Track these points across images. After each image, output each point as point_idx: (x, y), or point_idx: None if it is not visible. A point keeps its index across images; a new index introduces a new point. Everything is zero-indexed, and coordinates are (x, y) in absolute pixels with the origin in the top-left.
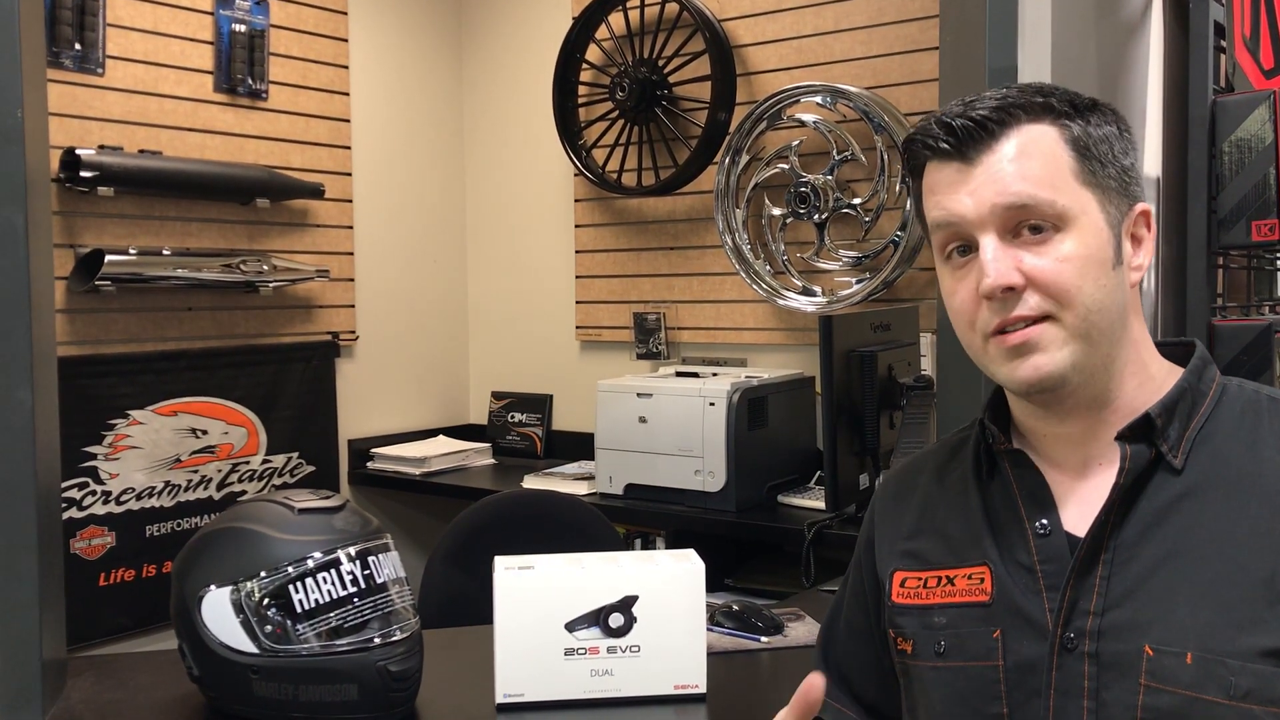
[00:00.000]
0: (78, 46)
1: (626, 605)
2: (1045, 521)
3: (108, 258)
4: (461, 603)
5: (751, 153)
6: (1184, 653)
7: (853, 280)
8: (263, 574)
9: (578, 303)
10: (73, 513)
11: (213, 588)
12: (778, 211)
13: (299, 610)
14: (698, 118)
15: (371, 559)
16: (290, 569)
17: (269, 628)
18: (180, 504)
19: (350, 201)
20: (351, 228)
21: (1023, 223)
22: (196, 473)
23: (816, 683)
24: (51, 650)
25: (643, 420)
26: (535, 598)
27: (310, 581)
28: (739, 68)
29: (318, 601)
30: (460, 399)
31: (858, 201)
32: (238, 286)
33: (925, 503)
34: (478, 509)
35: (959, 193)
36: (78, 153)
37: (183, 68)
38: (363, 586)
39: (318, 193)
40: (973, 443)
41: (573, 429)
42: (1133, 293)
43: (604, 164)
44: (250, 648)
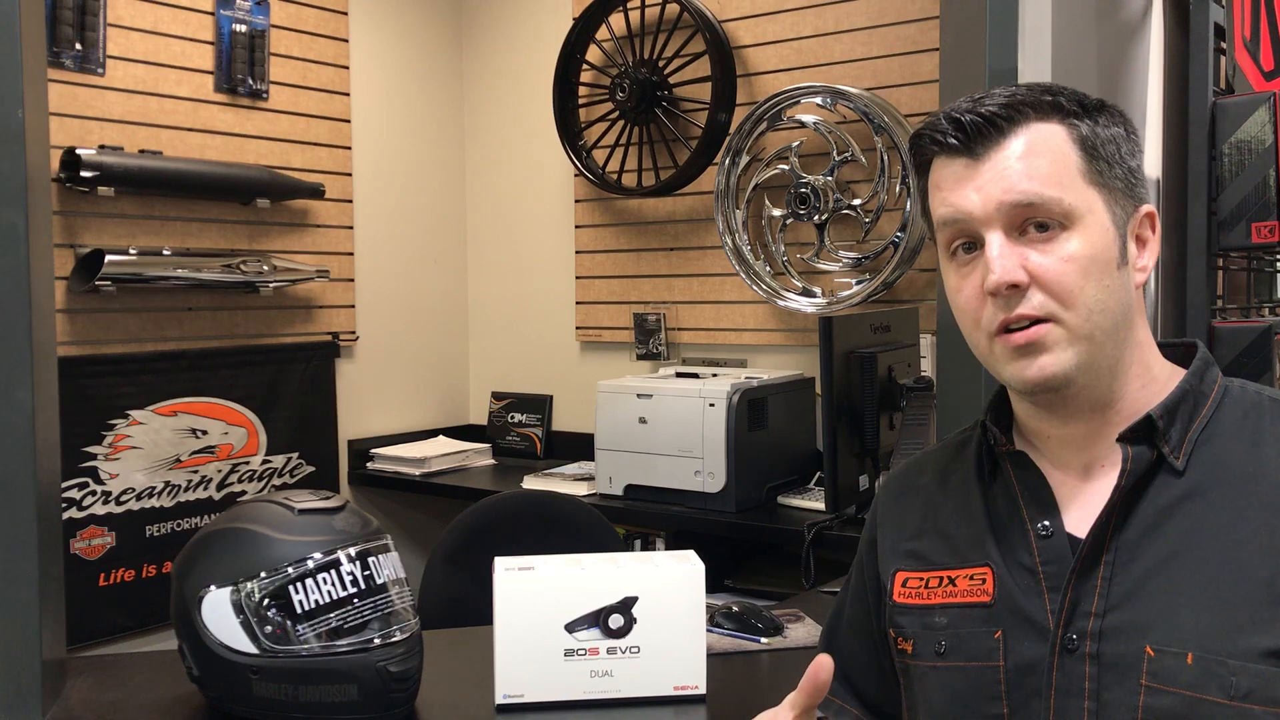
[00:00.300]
0: (78, 46)
1: (626, 606)
2: (1047, 523)
3: (108, 258)
4: (461, 603)
5: (752, 153)
6: (1185, 653)
7: (853, 281)
8: (263, 574)
9: (578, 303)
10: (73, 513)
11: (213, 588)
12: (778, 212)
13: (299, 611)
14: (698, 118)
15: (371, 559)
16: (290, 569)
17: (269, 628)
18: (180, 504)
19: (350, 202)
20: (352, 228)
21: (1029, 220)
22: (196, 473)
23: (825, 663)
24: (51, 650)
25: (643, 421)
26: (535, 598)
27: (310, 582)
28: (739, 68)
29: (318, 602)
30: (460, 399)
31: (858, 202)
32: (238, 287)
33: (927, 503)
34: (478, 510)
35: (966, 189)
36: (78, 152)
37: (183, 68)
38: (363, 587)
39: (318, 193)
40: (974, 444)
41: (573, 429)
42: (1137, 294)
43: (604, 164)
44: (250, 648)
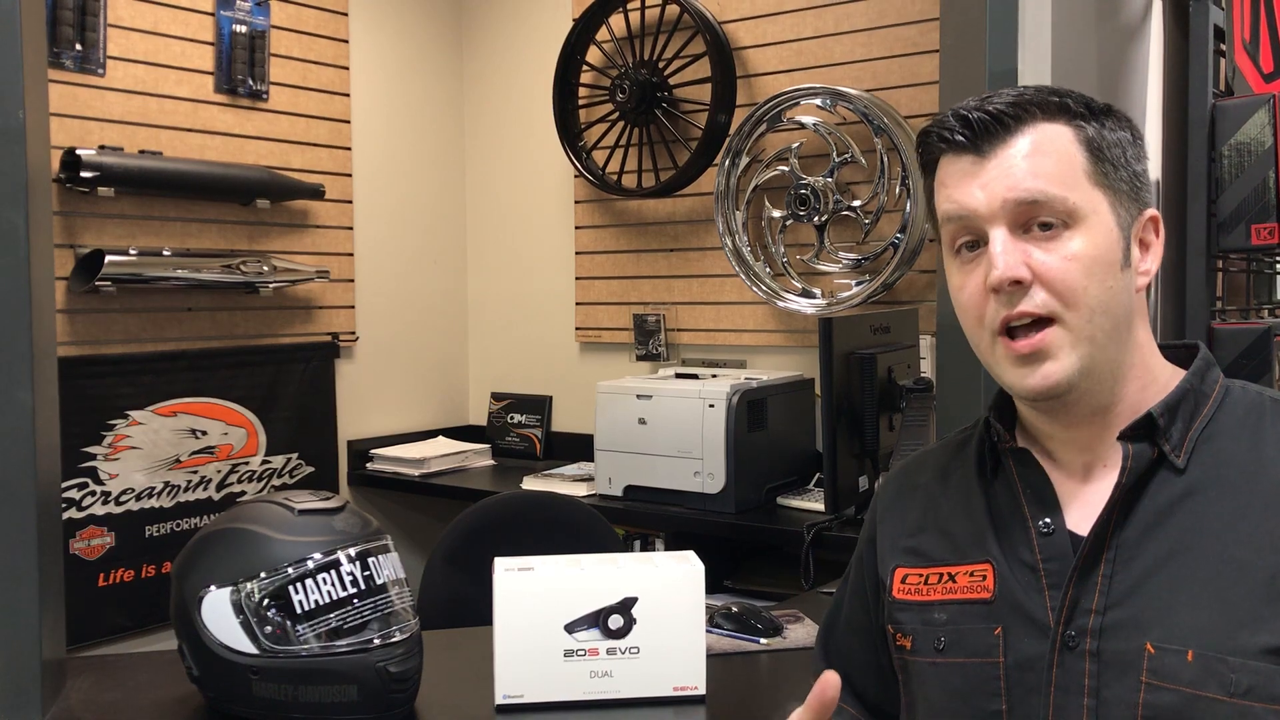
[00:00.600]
0: (78, 47)
1: (626, 607)
2: (1049, 520)
3: (108, 258)
4: (461, 604)
5: (751, 155)
6: (1185, 650)
7: (852, 282)
8: (262, 575)
9: (577, 304)
10: (72, 513)
11: (213, 588)
12: (778, 213)
13: (299, 611)
14: (698, 119)
15: (371, 560)
16: (290, 570)
17: (269, 628)
18: (180, 504)
19: (350, 202)
20: (351, 229)
21: (1033, 219)
22: (196, 473)
23: (832, 680)
24: (51, 650)
25: (642, 422)
26: (535, 599)
27: (310, 582)
28: (739, 70)
29: (317, 602)
30: (460, 400)
31: (857, 204)
32: (238, 287)
33: (928, 500)
34: (477, 510)
35: (971, 186)
36: (78, 153)
37: (183, 68)
38: (362, 587)
39: (318, 194)
40: (976, 440)
41: (572, 430)
42: (1139, 297)
43: (604, 165)
44: (250, 648)
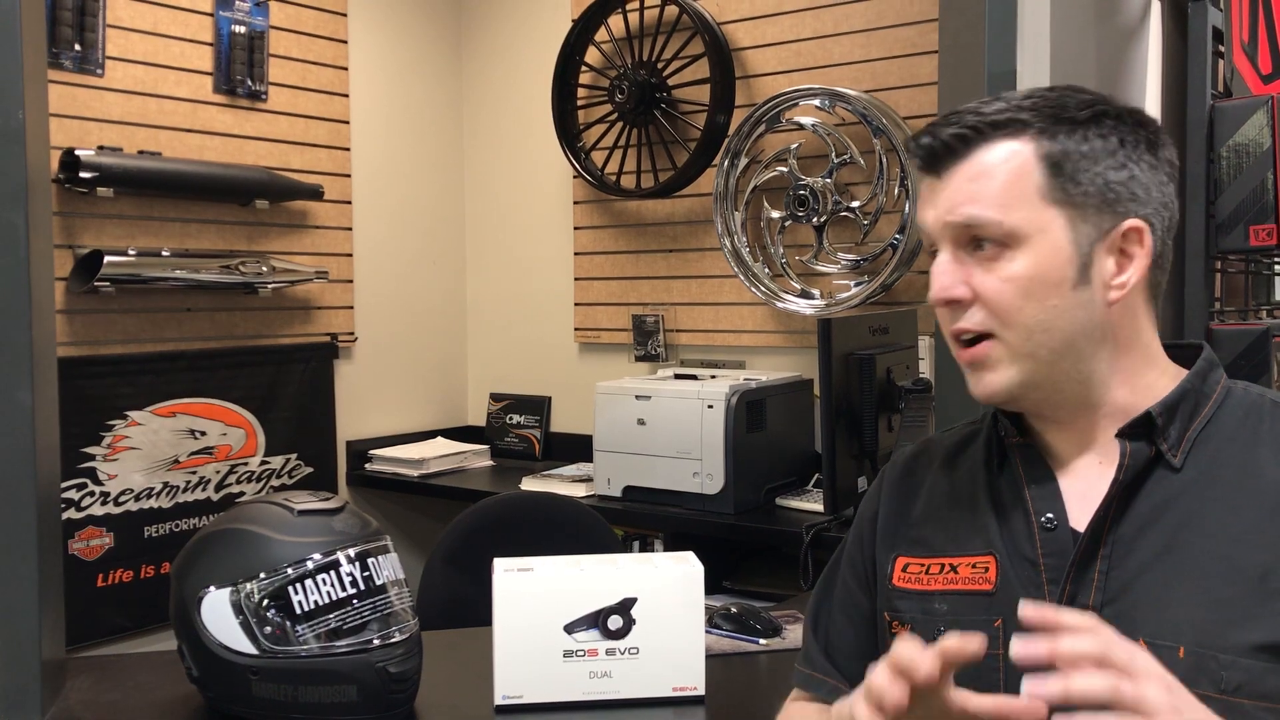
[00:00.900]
0: (77, 47)
1: (625, 607)
2: (1051, 515)
3: (107, 259)
4: (460, 604)
5: (750, 155)
6: (1176, 647)
7: (851, 283)
8: (262, 575)
9: (576, 305)
10: (71, 513)
11: (212, 589)
12: (776, 214)
13: (298, 611)
14: (697, 120)
15: (371, 560)
16: (290, 570)
17: (268, 629)
18: (179, 505)
19: (349, 203)
20: (350, 229)
21: (975, 240)
22: (195, 474)
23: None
24: (50, 651)
25: (641, 422)
26: (534, 600)
27: (309, 583)
28: (738, 70)
29: (317, 603)
30: (459, 401)
31: (856, 204)
32: (236, 288)
33: (932, 490)
34: (476, 511)
35: (926, 206)
36: (77, 153)
37: (182, 69)
38: (362, 588)
39: (317, 194)
40: (984, 434)
41: (571, 431)
42: (1121, 308)
43: (603, 166)
44: (249, 649)
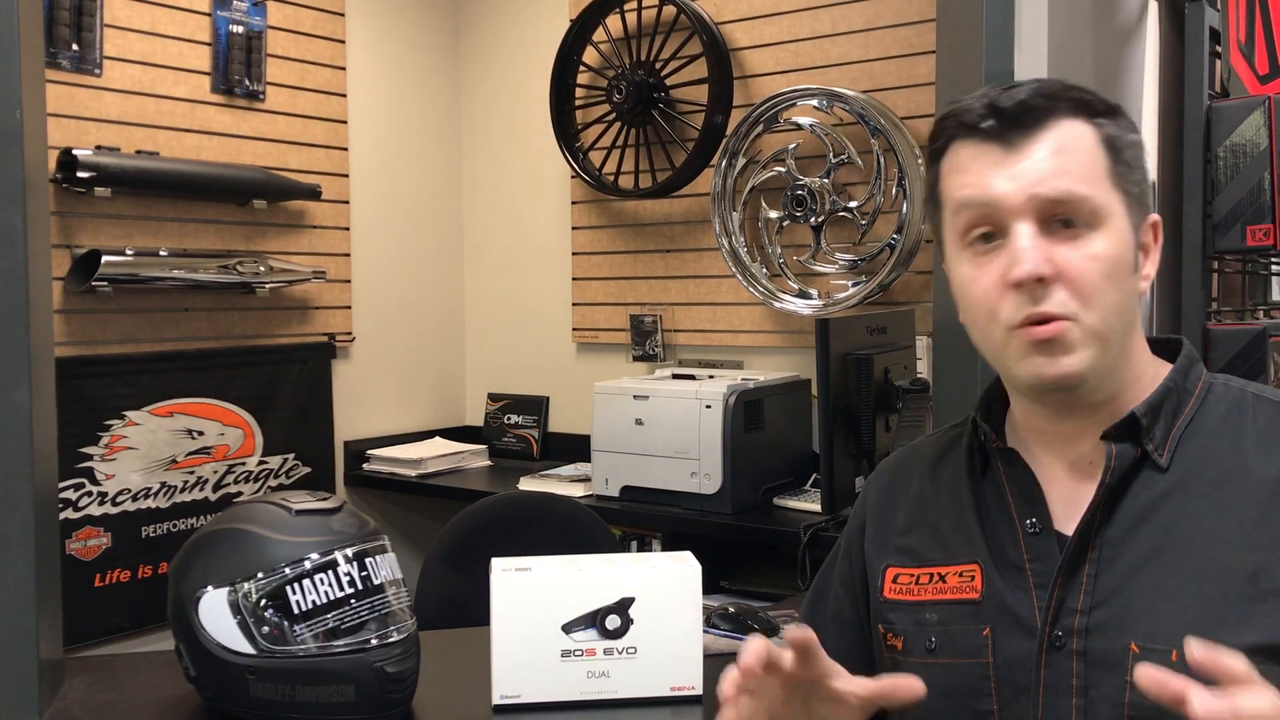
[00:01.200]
0: (75, 47)
1: (623, 607)
2: (1035, 520)
3: (104, 258)
4: (458, 604)
5: (748, 155)
6: (1169, 649)
7: (849, 283)
8: (260, 575)
9: (574, 305)
10: (69, 513)
11: (210, 589)
12: (774, 214)
13: (296, 611)
14: (695, 120)
15: (369, 560)
16: (287, 570)
17: (266, 629)
18: (176, 505)
19: (347, 203)
20: (348, 229)
21: (1057, 216)
22: (192, 474)
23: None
24: (48, 651)
25: (639, 422)
26: (532, 599)
27: (307, 583)
28: (736, 71)
29: (315, 603)
30: (457, 401)
31: (854, 204)
32: (234, 287)
33: (918, 498)
34: (474, 511)
35: (997, 175)
36: (75, 153)
37: (180, 69)
38: (360, 588)
39: (314, 194)
40: (965, 440)
41: (569, 431)
42: (1138, 299)
43: (601, 166)
44: (247, 649)
